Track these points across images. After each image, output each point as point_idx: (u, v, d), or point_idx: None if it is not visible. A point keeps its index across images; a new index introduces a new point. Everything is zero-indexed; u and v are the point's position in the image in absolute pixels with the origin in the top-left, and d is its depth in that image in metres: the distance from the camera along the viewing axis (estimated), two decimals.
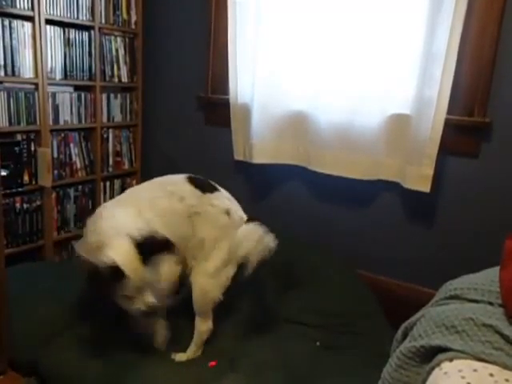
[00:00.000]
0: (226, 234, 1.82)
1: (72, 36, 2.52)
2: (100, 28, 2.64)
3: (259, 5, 2.33)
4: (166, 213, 1.82)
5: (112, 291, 1.63)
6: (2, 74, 2.23)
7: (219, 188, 1.95)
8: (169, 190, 1.88)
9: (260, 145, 2.47)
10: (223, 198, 1.91)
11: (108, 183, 2.89)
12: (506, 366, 0.97)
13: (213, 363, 1.80)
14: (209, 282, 1.81)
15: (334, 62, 2.22)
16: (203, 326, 1.84)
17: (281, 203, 2.61)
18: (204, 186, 1.91)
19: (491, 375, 0.94)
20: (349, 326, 2.04)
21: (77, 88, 2.62)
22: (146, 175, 3.08)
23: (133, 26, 2.85)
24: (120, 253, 1.60)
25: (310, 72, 2.29)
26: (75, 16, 2.51)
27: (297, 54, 2.31)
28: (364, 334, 2.01)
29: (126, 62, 2.85)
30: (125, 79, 2.86)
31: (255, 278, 1.89)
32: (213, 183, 1.98)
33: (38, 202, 2.49)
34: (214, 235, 1.82)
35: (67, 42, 2.50)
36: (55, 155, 2.54)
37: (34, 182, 2.46)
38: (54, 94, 2.48)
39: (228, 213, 1.86)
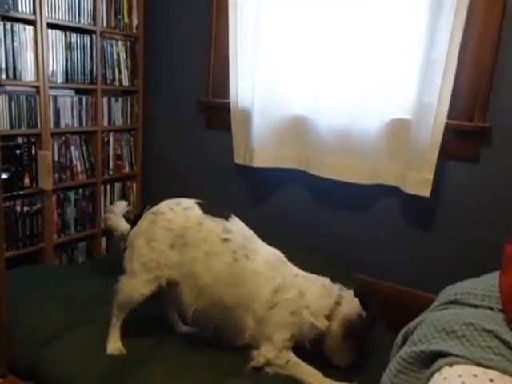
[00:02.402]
0: None
1: (73, 40, 2.52)
2: (101, 32, 2.65)
3: (259, 10, 2.34)
4: None
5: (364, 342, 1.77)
6: (4, 77, 2.24)
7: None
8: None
9: (260, 149, 2.47)
10: None
11: (108, 186, 2.89)
12: (506, 372, 0.96)
13: None
14: None
15: (334, 66, 2.22)
16: None
17: (281, 207, 2.61)
18: None
19: (491, 380, 0.94)
20: None
21: (78, 91, 2.62)
22: (146, 179, 3.09)
23: (134, 30, 2.86)
24: (357, 305, 1.78)
25: (311, 76, 2.29)
26: (77, 20, 2.52)
27: (297, 59, 2.32)
28: None
29: (127, 66, 2.86)
30: (126, 83, 2.87)
31: None
32: None
33: (39, 205, 2.49)
34: None
35: (69, 46, 2.51)
36: (56, 158, 2.54)
37: (34, 185, 2.46)
38: (55, 98, 2.48)
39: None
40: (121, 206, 2.12)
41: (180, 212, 1.82)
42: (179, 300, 1.81)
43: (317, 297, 1.77)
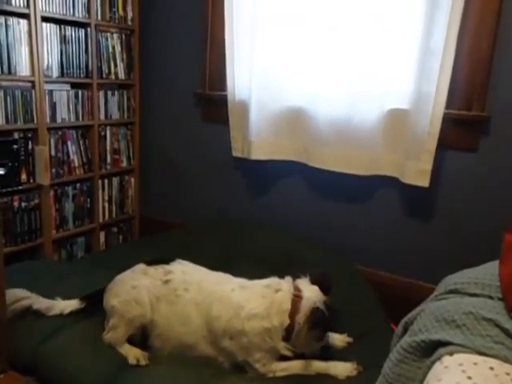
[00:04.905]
0: None
1: (68, 33, 2.50)
2: (96, 25, 2.63)
3: (256, 1, 2.32)
4: None
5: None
6: None
7: None
8: None
9: (258, 141, 2.46)
10: None
11: (106, 181, 2.88)
12: (506, 360, 0.96)
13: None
14: None
15: (331, 57, 2.21)
16: None
17: (279, 199, 2.61)
18: None
19: (491, 369, 0.94)
20: (348, 322, 2.04)
21: (74, 85, 2.61)
22: (144, 173, 3.08)
23: (129, 23, 2.84)
24: (316, 292, 1.72)
25: (308, 67, 2.28)
26: (71, 13, 2.49)
27: (294, 50, 2.31)
28: (364, 330, 2.01)
29: (122, 59, 2.84)
30: (122, 76, 2.85)
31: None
32: None
33: (36, 201, 2.48)
34: None
35: (63, 40, 2.49)
36: (53, 153, 2.53)
37: (31, 181, 2.45)
38: (50, 92, 2.47)
39: None
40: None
41: (129, 274, 1.92)
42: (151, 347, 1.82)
43: (259, 302, 1.70)
